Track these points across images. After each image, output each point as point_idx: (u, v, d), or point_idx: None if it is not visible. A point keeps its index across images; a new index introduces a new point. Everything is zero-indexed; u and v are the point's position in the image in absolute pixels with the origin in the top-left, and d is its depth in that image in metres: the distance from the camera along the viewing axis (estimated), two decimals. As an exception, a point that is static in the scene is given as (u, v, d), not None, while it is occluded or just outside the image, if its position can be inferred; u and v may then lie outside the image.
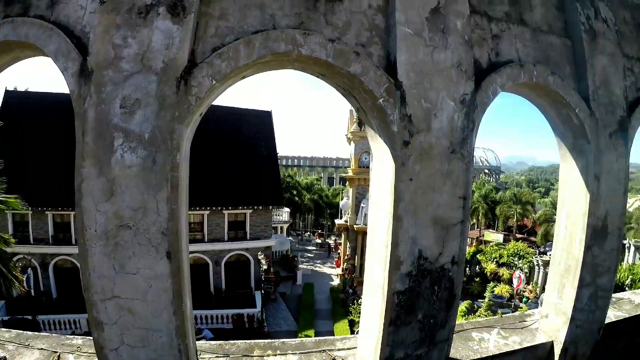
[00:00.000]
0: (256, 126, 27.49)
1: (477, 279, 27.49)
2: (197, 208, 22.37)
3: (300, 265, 32.27)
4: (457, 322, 4.34)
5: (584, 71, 3.84)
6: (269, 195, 25.25)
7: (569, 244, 4.02)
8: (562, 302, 4.10)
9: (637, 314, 5.17)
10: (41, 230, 21.12)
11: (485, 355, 3.81)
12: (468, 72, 3.01)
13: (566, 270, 4.04)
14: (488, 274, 27.53)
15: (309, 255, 39.92)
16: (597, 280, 4.10)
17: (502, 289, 24.48)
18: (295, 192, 45.23)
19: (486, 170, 73.41)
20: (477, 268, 28.84)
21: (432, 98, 2.84)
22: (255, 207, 24.47)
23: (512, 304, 22.47)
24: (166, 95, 2.37)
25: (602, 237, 4.01)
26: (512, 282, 24.09)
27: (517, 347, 4.01)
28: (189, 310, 2.77)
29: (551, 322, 4.23)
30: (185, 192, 2.73)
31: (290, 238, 40.85)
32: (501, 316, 4.89)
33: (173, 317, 2.55)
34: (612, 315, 4.99)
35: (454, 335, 4.03)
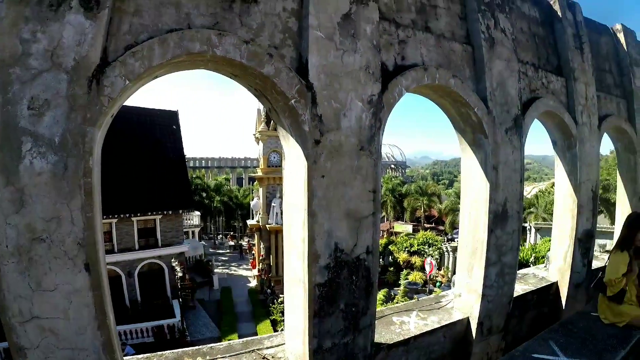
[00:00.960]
0: (162, 127, 26.78)
1: (391, 269, 29.80)
2: (104, 216, 21.29)
3: (215, 270, 32.48)
4: (377, 309, 4.77)
5: (482, 74, 4.45)
6: (178, 199, 24.96)
7: (474, 228, 4.63)
8: (472, 281, 4.70)
9: (542, 286, 6.07)
10: None
11: (408, 337, 4.24)
12: (375, 75, 3.40)
13: (473, 252, 4.65)
14: (401, 262, 29.99)
15: (223, 258, 40.26)
16: (502, 258, 4.78)
17: (415, 276, 26.93)
18: (204, 195, 45.57)
19: (392, 166, 79.75)
20: (390, 258, 31.30)
21: (341, 99, 3.18)
22: (165, 212, 24.09)
23: (427, 289, 24.62)
24: (77, 95, 2.31)
25: (503, 220, 4.67)
26: (424, 269, 26.56)
27: (436, 326, 4.53)
28: (113, 324, 2.74)
29: (465, 300, 4.83)
30: (99, 198, 2.70)
31: (203, 242, 41.00)
32: (418, 300, 5.42)
33: (98, 332, 2.50)
34: (520, 289, 5.80)
35: (376, 321, 4.46)
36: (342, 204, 3.22)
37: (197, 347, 3.89)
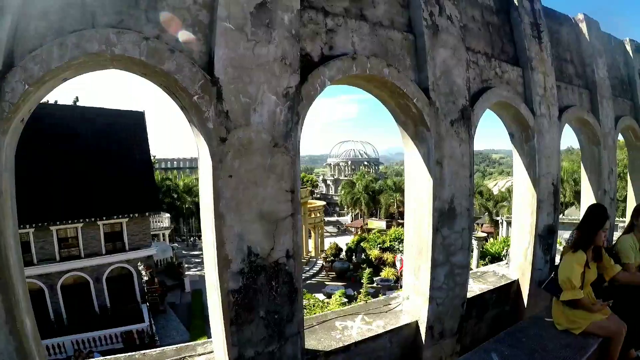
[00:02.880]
0: (128, 128, 27.46)
1: (364, 266, 30.40)
2: (69, 221, 22.52)
3: (187, 272, 33.03)
4: (321, 313, 4.75)
5: (424, 63, 4.46)
6: (145, 202, 25.78)
7: (419, 227, 4.65)
8: (419, 283, 4.73)
9: (501, 284, 6.13)
10: None
11: (349, 343, 4.23)
12: (293, 66, 3.38)
13: (419, 252, 4.67)
14: (373, 259, 30.84)
15: (197, 260, 40.67)
16: (452, 258, 4.80)
17: (388, 272, 27.75)
18: (175, 196, 46.79)
19: (365, 163, 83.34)
20: (362, 255, 32.21)
21: (251, 93, 3.15)
22: (132, 215, 24.89)
23: (399, 285, 24.85)
24: None
25: (451, 218, 4.69)
26: (396, 265, 27.28)
27: (381, 330, 4.52)
28: (29, 329, 2.81)
29: (413, 302, 4.86)
30: (10, 203, 2.77)
31: (176, 244, 41.80)
32: (366, 302, 5.41)
33: (10, 337, 2.59)
34: (477, 288, 5.85)
35: (317, 326, 4.45)
36: (254, 205, 3.20)
37: (130, 354, 3.96)
